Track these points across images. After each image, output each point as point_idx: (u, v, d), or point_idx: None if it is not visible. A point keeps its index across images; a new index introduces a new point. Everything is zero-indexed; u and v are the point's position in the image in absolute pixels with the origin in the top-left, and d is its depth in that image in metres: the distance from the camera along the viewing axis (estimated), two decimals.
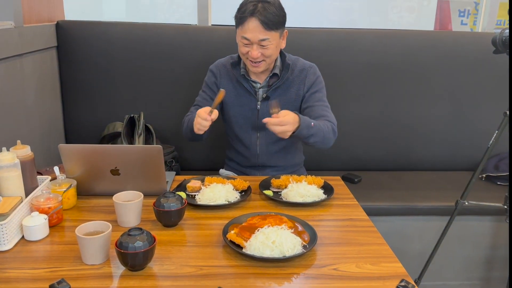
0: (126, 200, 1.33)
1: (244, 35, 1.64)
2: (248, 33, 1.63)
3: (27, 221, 1.22)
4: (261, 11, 1.60)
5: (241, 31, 1.65)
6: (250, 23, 1.61)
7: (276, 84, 1.77)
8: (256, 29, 1.61)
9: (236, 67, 1.81)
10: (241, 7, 1.65)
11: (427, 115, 2.47)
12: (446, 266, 2.20)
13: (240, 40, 1.67)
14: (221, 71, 1.84)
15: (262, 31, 1.61)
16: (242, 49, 1.69)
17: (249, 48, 1.66)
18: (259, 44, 1.64)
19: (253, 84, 1.80)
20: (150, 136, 2.20)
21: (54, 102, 2.27)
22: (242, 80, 1.79)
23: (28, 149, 1.37)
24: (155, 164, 1.43)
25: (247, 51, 1.67)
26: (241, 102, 1.82)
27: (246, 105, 1.82)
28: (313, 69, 1.81)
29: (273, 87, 1.77)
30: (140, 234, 1.07)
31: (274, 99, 1.76)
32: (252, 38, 1.63)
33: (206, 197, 1.45)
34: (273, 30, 1.63)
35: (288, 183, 1.55)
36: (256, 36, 1.62)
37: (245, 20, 1.62)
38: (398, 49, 2.40)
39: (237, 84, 1.81)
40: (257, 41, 1.63)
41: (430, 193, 2.22)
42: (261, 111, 1.80)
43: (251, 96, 1.80)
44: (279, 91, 1.79)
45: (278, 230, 1.16)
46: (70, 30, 2.28)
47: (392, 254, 1.20)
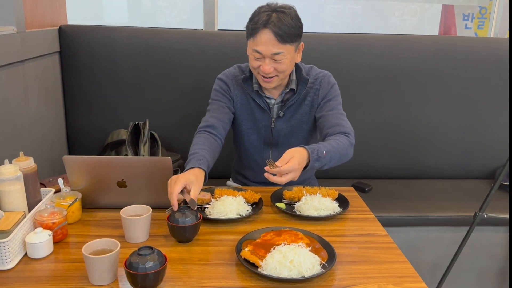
0: (134, 214, 1.27)
1: (255, 48, 1.51)
2: (260, 46, 1.50)
3: (30, 238, 1.16)
4: (275, 22, 1.46)
5: (252, 43, 1.53)
6: (262, 35, 1.48)
7: (292, 101, 1.67)
8: (269, 42, 1.48)
9: (247, 82, 1.69)
10: (254, 17, 1.52)
11: (439, 121, 2.42)
12: (460, 277, 2.13)
13: (251, 53, 1.55)
14: (233, 82, 1.72)
15: (275, 44, 1.48)
16: (253, 63, 1.56)
17: (260, 62, 1.54)
18: (272, 58, 1.51)
19: (267, 100, 1.70)
20: (156, 144, 2.14)
21: (57, 109, 2.21)
22: (255, 96, 1.68)
23: (31, 160, 1.31)
24: (164, 176, 1.37)
25: (259, 65, 1.54)
26: (255, 117, 1.71)
27: (260, 121, 1.71)
28: (327, 78, 1.70)
29: (289, 104, 1.67)
30: (151, 253, 1.01)
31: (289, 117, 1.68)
32: (264, 52, 1.50)
33: (216, 211, 1.38)
34: (288, 43, 1.50)
35: (301, 195, 1.49)
36: (269, 49, 1.49)
37: (257, 32, 1.49)
38: (409, 54, 2.35)
39: (250, 99, 1.70)
40: (270, 55, 1.50)
41: (444, 203, 2.15)
42: (275, 128, 1.71)
43: (265, 113, 1.70)
44: (295, 106, 1.69)
45: (295, 249, 1.10)
46: (73, 35, 2.22)
47: (415, 273, 1.14)
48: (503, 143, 2.35)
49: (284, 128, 1.71)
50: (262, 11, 1.51)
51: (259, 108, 1.70)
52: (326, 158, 1.43)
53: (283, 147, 1.73)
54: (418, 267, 2.09)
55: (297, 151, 1.38)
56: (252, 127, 1.73)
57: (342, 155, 1.50)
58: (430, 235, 2.09)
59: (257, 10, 1.54)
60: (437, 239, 2.10)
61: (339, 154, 1.48)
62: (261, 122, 1.72)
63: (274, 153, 1.77)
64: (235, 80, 1.73)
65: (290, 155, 1.36)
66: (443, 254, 2.07)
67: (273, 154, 1.77)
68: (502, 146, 2.35)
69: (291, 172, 1.33)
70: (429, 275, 2.10)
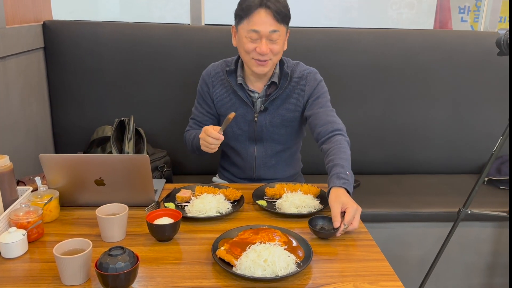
0: (110, 213, 1.25)
1: (253, 27, 1.51)
2: (258, 25, 1.50)
3: (3, 237, 1.14)
4: (272, 0, 1.49)
5: (248, 25, 1.52)
6: (260, 14, 1.49)
7: (274, 95, 1.66)
8: (266, 20, 1.49)
9: (231, 75, 1.68)
10: (244, 1, 1.53)
11: (427, 117, 2.40)
12: (447, 273, 2.13)
13: (247, 35, 1.53)
14: (214, 80, 1.72)
15: (273, 22, 1.50)
16: (249, 46, 1.54)
17: (256, 43, 1.53)
18: (269, 37, 1.52)
19: (250, 93, 1.69)
20: (141, 140, 2.12)
21: (42, 106, 2.19)
22: (238, 89, 1.67)
23: (7, 159, 1.29)
24: (142, 174, 1.36)
25: (254, 47, 1.54)
26: (237, 113, 1.67)
27: (243, 116, 1.70)
28: (313, 75, 1.69)
29: (271, 98, 1.67)
30: (122, 254, 1.00)
31: (272, 111, 1.67)
32: (262, 30, 1.50)
33: (196, 209, 1.37)
34: (283, 23, 1.53)
35: (282, 192, 1.47)
36: (267, 27, 1.50)
37: (253, 11, 1.50)
38: (397, 49, 2.33)
39: (232, 94, 1.70)
40: (268, 33, 1.51)
41: (431, 198, 2.15)
42: (258, 123, 1.70)
43: (248, 107, 1.69)
44: (278, 102, 1.68)
45: (270, 248, 1.09)
46: (57, 30, 2.19)
47: (392, 271, 1.13)
48: (492, 138, 2.33)
49: (268, 122, 1.70)
50: None
51: (242, 103, 1.69)
52: (351, 174, 1.42)
53: (268, 143, 1.73)
54: (405, 263, 2.11)
55: (339, 197, 1.31)
56: (235, 122, 1.71)
57: (350, 159, 1.49)
58: (417, 231, 2.08)
59: None
60: (424, 234, 2.09)
61: (349, 161, 1.47)
62: (244, 117, 1.71)
63: (259, 149, 1.75)
64: (216, 76, 1.73)
65: (340, 204, 1.29)
66: (430, 249, 2.07)
67: (258, 149, 1.75)
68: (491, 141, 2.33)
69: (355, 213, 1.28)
70: (416, 271, 2.10)
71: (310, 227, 1.27)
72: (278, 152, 1.77)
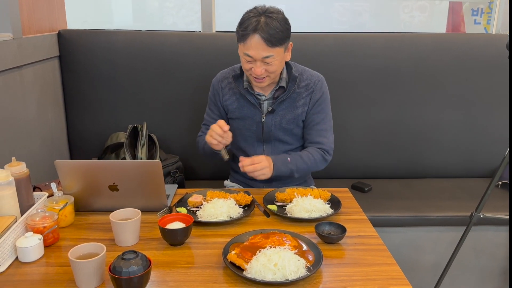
0: (123, 218, 1.28)
1: (246, 52, 1.57)
2: (251, 50, 1.55)
3: (20, 242, 1.17)
4: (263, 27, 1.51)
5: (243, 48, 1.58)
6: (252, 40, 1.53)
7: (282, 97, 1.71)
8: (259, 47, 1.54)
9: (238, 80, 1.74)
10: (243, 22, 1.56)
11: (439, 120, 2.39)
12: (461, 277, 2.11)
13: (243, 56, 1.60)
14: (223, 85, 1.79)
15: (265, 48, 1.54)
16: (245, 65, 1.62)
17: (252, 64, 1.59)
18: (263, 61, 1.57)
19: (258, 96, 1.74)
20: (154, 146, 2.15)
21: (58, 113, 2.24)
22: (246, 93, 1.73)
23: (23, 166, 1.33)
24: (155, 179, 1.38)
25: (250, 68, 1.61)
26: (245, 115, 1.77)
27: (251, 118, 1.76)
28: (320, 83, 1.74)
29: (279, 100, 1.71)
30: (135, 257, 1.02)
31: (279, 112, 1.73)
32: (255, 56, 1.56)
33: (207, 213, 1.39)
34: (277, 46, 1.55)
35: (293, 197, 1.48)
36: (259, 53, 1.55)
37: (247, 37, 1.54)
38: (409, 53, 2.32)
39: (240, 97, 1.76)
40: (261, 58, 1.56)
41: (444, 203, 2.13)
42: (266, 123, 1.75)
43: (256, 109, 1.74)
44: (285, 104, 1.73)
45: (280, 252, 1.10)
46: (72, 39, 2.25)
47: (402, 276, 1.13)
48: (505, 141, 2.31)
49: (275, 123, 1.74)
50: (251, 16, 1.55)
51: (250, 105, 1.74)
52: (291, 164, 1.66)
53: (276, 143, 1.77)
54: (418, 268, 2.10)
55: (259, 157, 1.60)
56: (244, 124, 1.78)
57: (311, 168, 1.73)
58: (430, 235, 2.07)
59: (245, 15, 1.58)
60: (437, 239, 2.08)
61: (306, 166, 1.70)
62: (252, 118, 1.76)
63: (267, 149, 1.80)
64: (225, 81, 1.79)
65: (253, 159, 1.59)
66: (443, 254, 2.05)
67: (266, 149, 1.80)
68: (503, 144, 2.31)
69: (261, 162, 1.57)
70: (428, 276, 2.08)
71: (316, 232, 1.27)
72: (286, 152, 1.80)
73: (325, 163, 1.77)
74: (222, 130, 1.56)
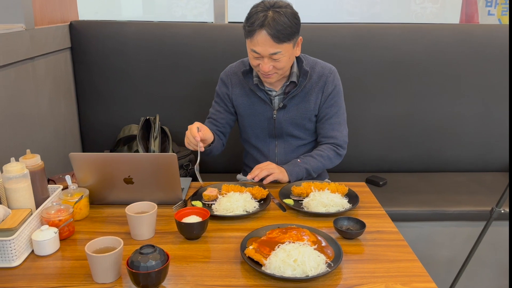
0: (139, 211, 1.26)
1: (253, 48, 1.52)
2: (258, 47, 1.50)
3: (36, 235, 1.16)
4: (271, 23, 1.46)
5: (250, 44, 1.53)
6: (259, 36, 1.48)
7: (293, 92, 1.67)
8: (266, 43, 1.49)
9: (247, 76, 1.70)
10: (250, 17, 1.51)
11: (456, 113, 2.34)
12: (479, 273, 2.07)
13: (250, 52, 1.56)
14: (233, 80, 1.75)
15: (272, 44, 1.49)
16: (253, 62, 1.58)
17: (259, 61, 1.55)
18: (270, 57, 1.52)
19: (268, 92, 1.70)
20: (166, 139, 2.14)
21: (69, 105, 2.23)
22: (256, 88, 1.69)
23: (38, 158, 1.31)
24: (170, 172, 1.37)
25: (258, 64, 1.56)
26: (256, 111, 1.73)
27: (262, 114, 1.73)
28: (332, 76, 1.69)
29: (290, 95, 1.67)
30: (153, 252, 1.00)
31: (291, 108, 1.69)
32: (262, 52, 1.51)
33: (223, 207, 1.37)
34: (285, 42, 1.50)
35: (309, 191, 1.46)
36: (266, 50, 1.50)
37: (254, 33, 1.49)
38: (424, 44, 2.27)
39: (250, 93, 1.72)
40: (268, 54, 1.51)
41: (461, 197, 2.09)
42: (277, 119, 1.71)
43: (266, 105, 1.71)
44: (297, 99, 1.69)
45: (300, 247, 1.07)
46: (84, 30, 2.23)
47: (425, 272, 1.10)
48: None
49: (286, 119, 1.71)
50: (258, 10, 1.50)
51: (260, 101, 1.71)
52: (303, 164, 1.63)
53: (288, 139, 1.74)
54: (434, 263, 2.06)
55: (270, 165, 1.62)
56: (255, 121, 1.75)
57: (326, 166, 1.71)
58: (447, 230, 2.04)
59: (253, 9, 1.53)
60: (454, 234, 2.04)
61: (321, 165, 1.68)
62: (263, 114, 1.73)
63: (280, 145, 1.77)
64: (235, 76, 1.75)
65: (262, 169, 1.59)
66: (460, 249, 2.02)
67: (279, 145, 1.77)
68: None
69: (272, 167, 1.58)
70: (445, 271, 2.05)
71: (335, 227, 1.25)
72: (299, 147, 1.78)
73: (340, 158, 1.74)
74: (195, 140, 1.52)
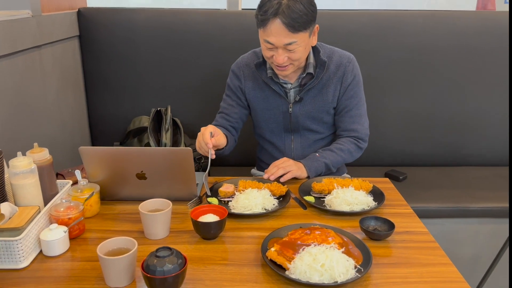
0: (153, 209, 1.19)
1: (266, 38, 1.41)
2: (271, 37, 1.40)
3: (45, 234, 1.10)
4: (285, 10, 1.35)
5: (263, 34, 1.42)
6: (273, 26, 1.37)
7: (310, 85, 1.57)
8: (280, 33, 1.38)
9: (261, 68, 1.60)
10: (263, 5, 1.40)
11: (479, 105, 2.24)
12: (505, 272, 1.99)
13: (263, 43, 1.45)
14: (245, 72, 1.65)
15: (287, 34, 1.38)
16: (266, 53, 1.47)
17: (273, 52, 1.44)
18: (285, 48, 1.42)
19: (283, 85, 1.60)
20: (178, 131, 2.06)
21: (78, 96, 2.16)
22: (270, 81, 1.59)
23: (46, 152, 1.24)
24: (185, 167, 1.29)
25: (272, 55, 1.46)
26: (270, 105, 1.64)
27: (277, 108, 1.64)
28: (352, 65, 1.59)
29: (307, 88, 1.58)
30: (170, 255, 0.93)
31: (308, 101, 1.60)
32: (276, 43, 1.40)
33: (240, 205, 1.29)
34: (301, 31, 1.39)
35: (331, 188, 1.38)
36: (281, 40, 1.39)
37: (267, 22, 1.38)
38: (448, 33, 2.16)
39: (264, 86, 1.62)
40: (282, 45, 1.41)
41: (484, 193, 2.00)
42: (293, 113, 1.63)
43: (282, 98, 1.61)
44: (314, 92, 1.60)
45: (327, 251, 1.00)
46: (92, 18, 2.15)
47: (461, 278, 1.02)
48: None
49: (303, 113, 1.63)
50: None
51: (275, 94, 1.62)
52: (322, 158, 1.55)
53: (305, 133, 1.66)
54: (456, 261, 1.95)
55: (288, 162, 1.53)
56: (269, 115, 1.67)
57: (346, 160, 1.63)
58: (470, 228, 1.95)
59: None
60: (477, 231, 1.96)
61: (341, 159, 1.60)
62: (278, 108, 1.64)
63: (296, 139, 1.69)
64: (247, 68, 1.65)
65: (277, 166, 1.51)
66: (483, 248, 1.94)
67: (295, 140, 1.70)
68: None
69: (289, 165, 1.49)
70: (467, 271, 1.96)
71: (361, 227, 1.17)
72: (316, 141, 1.70)
73: (361, 152, 1.66)
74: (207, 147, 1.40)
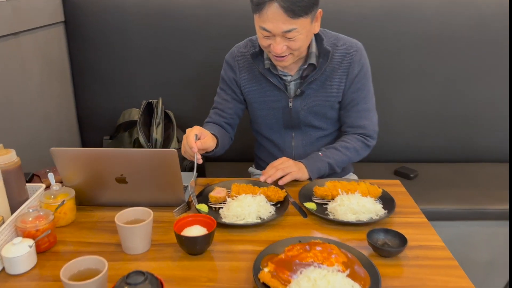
0: (132, 219, 1.06)
1: (263, 25, 1.24)
2: (268, 23, 1.23)
3: (7, 250, 0.96)
4: None
5: (259, 20, 1.25)
6: (269, 10, 1.21)
7: (312, 77, 1.40)
8: (278, 18, 1.21)
9: (257, 58, 1.44)
10: None
11: (496, 97, 2.08)
12: None
13: (259, 30, 1.28)
14: (240, 63, 1.49)
15: (286, 20, 1.21)
16: (263, 42, 1.31)
17: (270, 40, 1.28)
18: (284, 36, 1.25)
19: (282, 77, 1.44)
20: (170, 125, 1.92)
21: (64, 87, 2.01)
22: (268, 73, 1.43)
23: (13, 154, 1.10)
24: (170, 171, 1.15)
25: (269, 44, 1.29)
26: (269, 99, 1.48)
27: (275, 103, 1.48)
28: (359, 54, 1.42)
29: (308, 80, 1.41)
30: (142, 282, 0.80)
31: (310, 95, 1.44)
32: (273, 30, 1.24)
33: (232, 213, 1.15)
34: (302, 16, 1.22)
35: (335, 193, 1.23)
36: (279, 27, 1.23)
37: (263, 6, 1.21)
38: (463, 18, 1.99)
39: (261, 78, 1.46)
40: (281, 32, 1.24)
41: (501, 192, 1.86)
42: (294, 108, 1.47)
43: (281, 92, 1.46)
44: (316, 85, 1.43)
45: (328, 275, 0.85)
46: (79, 2, 2.00)
47: None
48: None
49: (305, 108, 1.47)
50: None
51: (273, 87, 1.46)
52: (325, 158, 1.42)
53: (307, 129, 1.51)
54: (471, 267, 1.82)
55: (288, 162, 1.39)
56: (267, 110, 1.51)
57: (352, 160, 1.49)
58: (486, 231, 1.81)
59: None
60: (494, 234, 1.81)
61: (347, 158, 1.46)
62: (277, 103, 1.48)
63: (297, 137, 1.54)
64: (242, 59, 1.49)
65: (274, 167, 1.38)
66: (500, 252, 1.79)
67: (296, 137, 1.54)
68: None
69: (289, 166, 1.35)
70: (482, 276, 1.83)
71: (369, 242, 1.02)
72: (319, 139, 1.54)
73: (368, 150, 1.51)
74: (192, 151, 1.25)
